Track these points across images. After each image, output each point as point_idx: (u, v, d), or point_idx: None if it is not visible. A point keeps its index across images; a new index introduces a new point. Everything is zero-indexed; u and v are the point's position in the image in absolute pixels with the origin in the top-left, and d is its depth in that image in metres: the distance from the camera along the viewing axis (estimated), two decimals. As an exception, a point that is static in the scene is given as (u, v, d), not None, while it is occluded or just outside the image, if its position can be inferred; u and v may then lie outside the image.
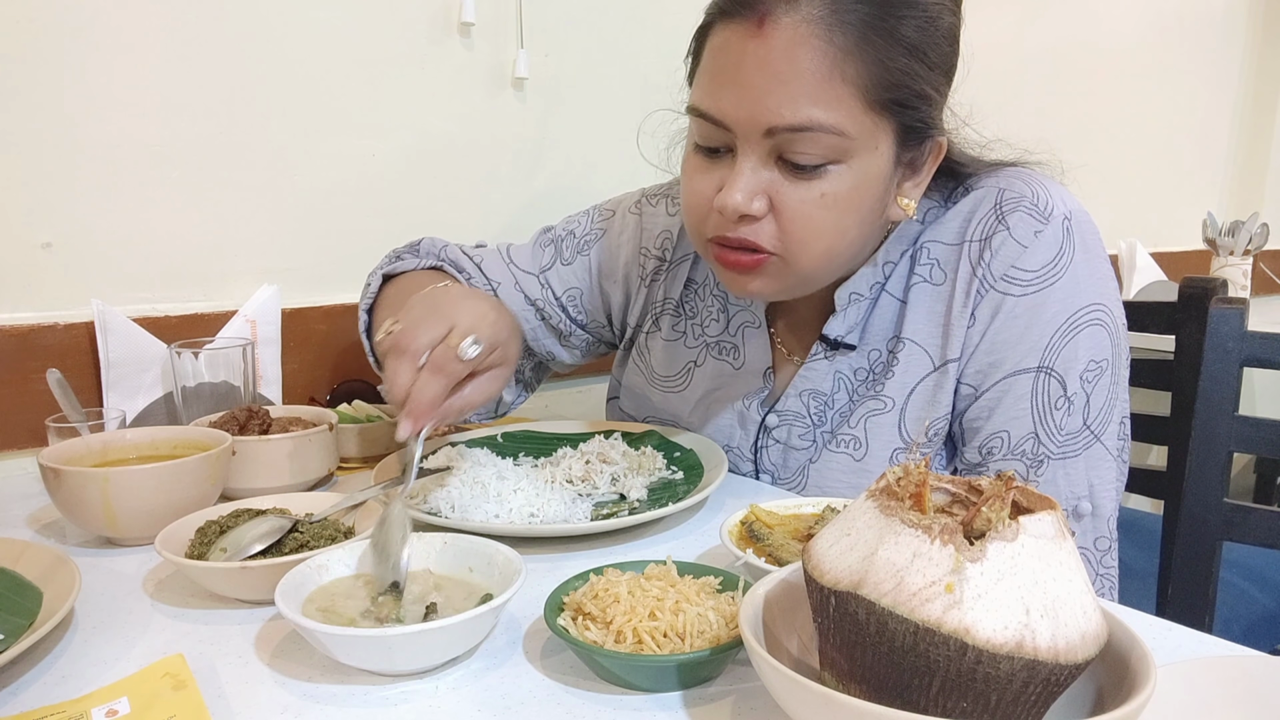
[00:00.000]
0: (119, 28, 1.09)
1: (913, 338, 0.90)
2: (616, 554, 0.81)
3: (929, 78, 0.80)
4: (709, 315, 1.05)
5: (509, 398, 1.13)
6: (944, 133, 0.86)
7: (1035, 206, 0.86)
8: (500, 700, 0.57)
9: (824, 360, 0.95)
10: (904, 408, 0.90)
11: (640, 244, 1.09)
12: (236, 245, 1.21)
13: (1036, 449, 0.85)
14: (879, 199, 0.84)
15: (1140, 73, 2.45)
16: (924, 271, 0.91)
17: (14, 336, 1.05)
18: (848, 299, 0.92)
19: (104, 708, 0.55)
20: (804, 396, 0.96)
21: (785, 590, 0.57)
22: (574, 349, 1.15)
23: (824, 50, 0.76)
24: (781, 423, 0.98)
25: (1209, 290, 1.14)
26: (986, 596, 0.43)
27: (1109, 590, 0.89)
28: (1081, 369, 0.85)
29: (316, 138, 1.24)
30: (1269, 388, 2.51)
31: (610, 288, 1.11)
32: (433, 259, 1.08)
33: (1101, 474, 0.87)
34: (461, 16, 1.31)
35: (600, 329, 1.14)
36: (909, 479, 0.50)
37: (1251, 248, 2.19)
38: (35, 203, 1.07)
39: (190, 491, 0.82)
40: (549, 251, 1.11)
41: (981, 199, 0.89)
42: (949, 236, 0.90)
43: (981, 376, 0.88)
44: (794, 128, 0.77)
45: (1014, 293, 0.86)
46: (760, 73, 0.77)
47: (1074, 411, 0.85)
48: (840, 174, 0.80)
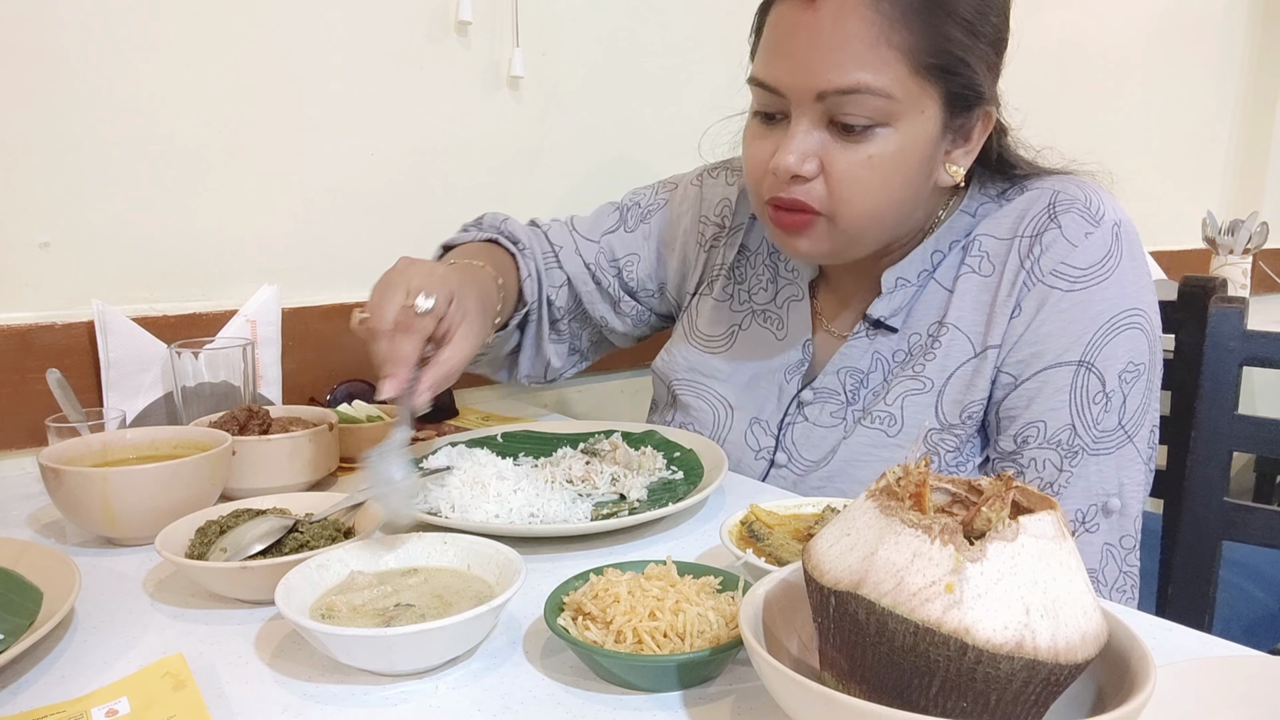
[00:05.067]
0: (119, 27, 1.09)
1: (956, 324, 0.93)
2: (616, 554, 0.81)
3: (976, 47, 0.84)
4: (758, 284, 1.09)
5: (558, 363, 1.17)
6: (994, 103, 0.89)
7: (1088, 210, 0.90)
8: (500, 700, 0.57)
9: (865, 339, 0.98)
10: (942, 389, 0.92)
11: (700, 213, 1.14)
12: (236, 245, 1.21)
13: (1072, 440, 0.87)
14: (925, 163, 0.88)
15: (1140, 72, 2.45)
16: (974, 263, 0.94)
17: (14, 336, 1.05)
18: (894, 283, 0.96)
19: (104, 708, 0.55)
20: (841, 374, 0.98)
21: (785, 590, 0.57)
22: (625, 317, 1.18)
23: (871, 18, 0.82)
24: (816, 399, 1.00)
25: (1209, 289, 1.14)
26: (986, 596, 0.43)
27: (1131, 588, 0.90)
28: (1121, 369, 0.87)
29: (316, 137, 1.24)
30: (1269, 387, 2.51)
31: (668, 255, 1.16)
32: (492, 231, 1.11)
33: (1131, 474, 0.89)
34: (459, 15, 1.31)
35: (651, 298, 1.17)
36: (909, 479, 0.50)
37: (1251, 247, 2.19)
38: (35, 203, 1.07)
39: (190, 491, 0.82)
40: (613, 218, 1.17)
41: (1035, 198, 0.93)
42: (1001, 231, 0.93)
43: (1022, 366, 0.89)
44: (842, 90, 0.83)
45: (1061, 287, 0.88)
46: (811, 41, 0.84)
47: (1111, 409, 0.87)
48: (887, 137, 0.85)
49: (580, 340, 1.20)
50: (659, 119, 1.55)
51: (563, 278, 1.14)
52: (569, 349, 1.19)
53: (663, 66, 1.54)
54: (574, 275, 1.14)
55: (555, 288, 1.13)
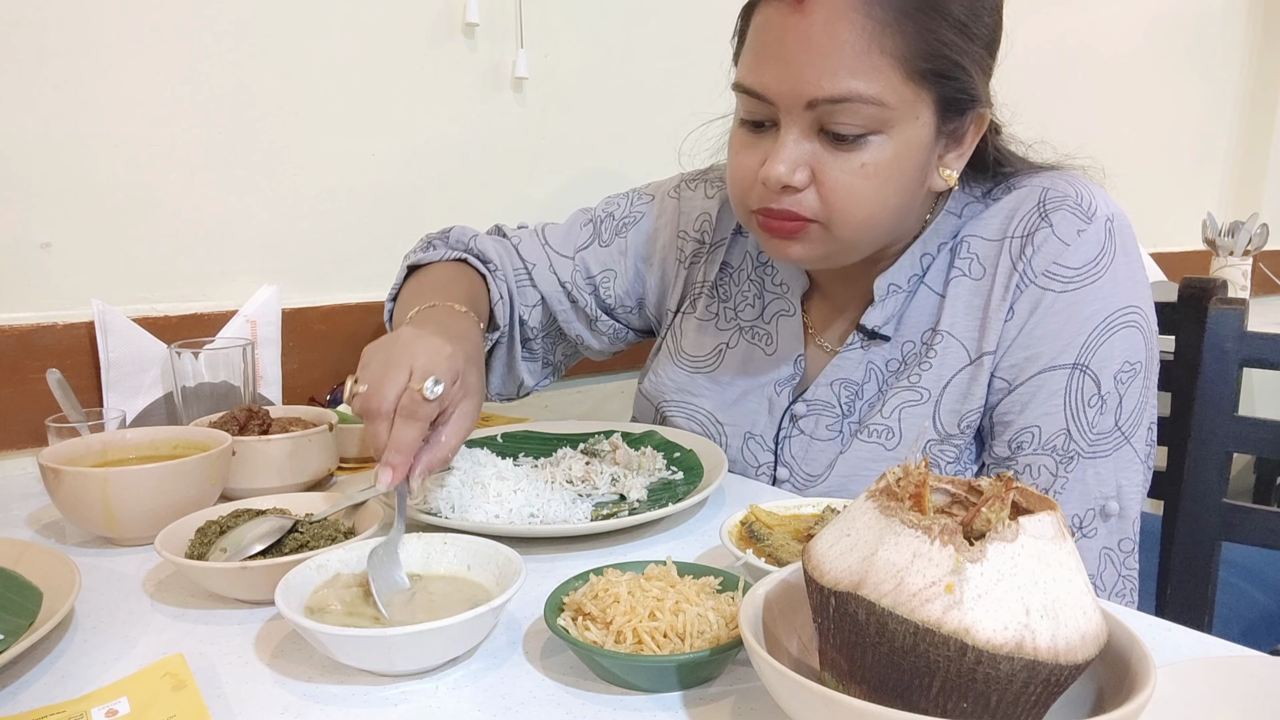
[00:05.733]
0: (119, 27, 1.09)
1: (950, 330, 0.91)
2: (616, 554, 0.81)
3: (969, 50, 0.82)
4: (744, 300, 1.06)
5: (530, 381, 1.14)
6: (987, 105, 0.87)
7: (1079, 206, 0.88)
8: (500, 700, 0.57)
9: (859, 349, 0.96)
10: (939, 399, 0.91)
11: (679, 227, 1.11)
12: (236, 245, 1.21)
13: (1068, 445, 0.86)
14: (920, 169, 0.85)
15: (1140, 72, 2.45)
16: (963, 266, 0.92)
17: (14, 336, 1.05)
18: (887, 289, 0.94)
19: (104, 708, 0.55)
20: (835, 386, 0.96)
21: (785, 590, 0.57)
22: (601, 335, 1.15)
23: (862, 24, 0.79)
24: (810, 412, 0.98)
25: (1208, 290, 1.14)
26: (986, 597, 0.43)
27: (1130, 591, 0.89)
28: (1116, 369, 0.85)
29: (317, 137, 1.24)
30: (1269, 388, 2.51)
31: (646, 271, 1.12)
32: (460, 249, 1.07)
33: (1129, 476, 0.87)
34: (466, 17, 1.31)
35: (630, 314, 1.14)
36: (909, 479, 0.50)
37: (1251, 248, 2.19)
38: (35, 203, 1.07)
39: (190, 491, 0.82)
40: (587, 231, 1.12)
41: (1025, 197, 0.91)
42: (990, 232, 0.91)
43: (1016, 371, 0.88)
44: (834, 99, 0.80)
45: (1054, 288, 0.87)
46: (801, 47, 0.80)
47: (1106, 411, 0.86)
48: (880, 144, 0.82)
49: (554, 354, 1.16)
50: (661, 120, 1.55)
51: (536, 296, 1.10)
52: (541, 364, 1.15)
53: (665, 69, 1.54)
54: (548, 294, 1.10)
55: (528, 306, 1.10)
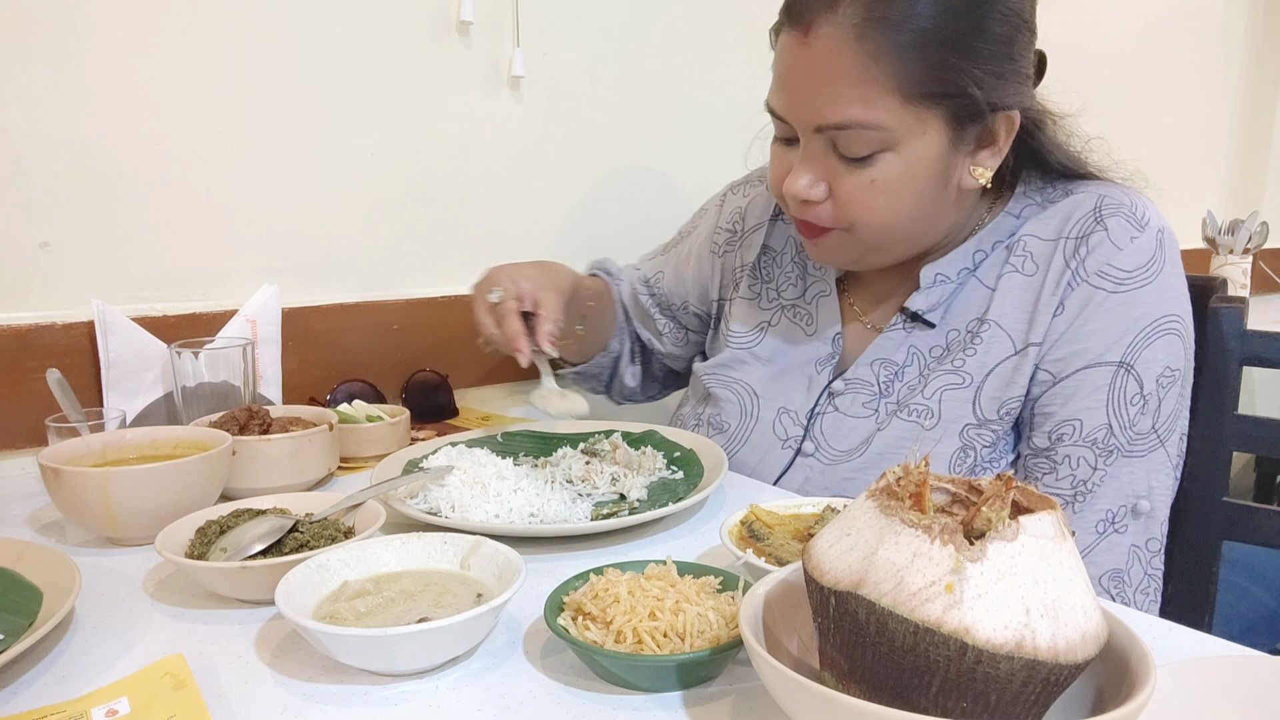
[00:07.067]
0: (118, 27, 1.09)
1: (998, 320, 0.93)
2: (616, 554, 0.81)
3: (973, 64, 0.84)
4: (786, 280, 1.11)
5: (631, 382, 1.30)
6: (1014, 106, 0.89)
7: (1133, 215, 0.91)
8: (500, 700, 0.57)
9: (901, 330, 0.99)
10: (981, 385, 0.93)
11: (717, 224, 1.20)
12: (236, 245, 1.21)
13: (1108, 440, 0.88)
14: (936, 177, 0.88)
15: (1140, 72, 2.45)
16: (1017, 263, 0.95)
17: (13, 336, 1.05)
18: (933, 278, 0.97)
19: (104, 707, 0.55)
20: (875, 365, 0.99)
21: (785, 590, 0.57)
22: (664, 337, 1.25)
23: (856, 54, 0.82)
24: (848, 390, 1.00)
25: (1209, 289, 1.14)
26: (986, 596, 0.43)
27: (1155, 591, 0.91)
28: (1158, 372, 0.88)
29: (316, 137, 1.24)
30: (1269, 387, 2.51)
31: (685, 267, 1.22)
32: (596, 267, 1.30)
33: (1161, 478, 0.89)
34: (460, 15, 1.31)
35: (680, 312, 1.23)
36: (909, 479, 0.50)
37: (1251, 246, 2.19)
38: (35, 203, 1.07)
39: (190, 491, 0.82)
40: (658, 248, 1.29)
41: (1081, 201, 0.94)
42: (1045, 232, 0.94)
43: (1062, 364, 0.90)
44: (836, 125, 0.85)
45: (1105, 288, 0.89)
46: (805, 77, 0.86)
47: (1147, 412, 0.88)
48: (889, 161, 0.86)
49: (651, 366, 1.30)
50: (659, 119, 1.55)
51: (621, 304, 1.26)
52: (643, 373, 1.30)
53: (663, 66, 1.54)
54: (626, 300, 1.26)
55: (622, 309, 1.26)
